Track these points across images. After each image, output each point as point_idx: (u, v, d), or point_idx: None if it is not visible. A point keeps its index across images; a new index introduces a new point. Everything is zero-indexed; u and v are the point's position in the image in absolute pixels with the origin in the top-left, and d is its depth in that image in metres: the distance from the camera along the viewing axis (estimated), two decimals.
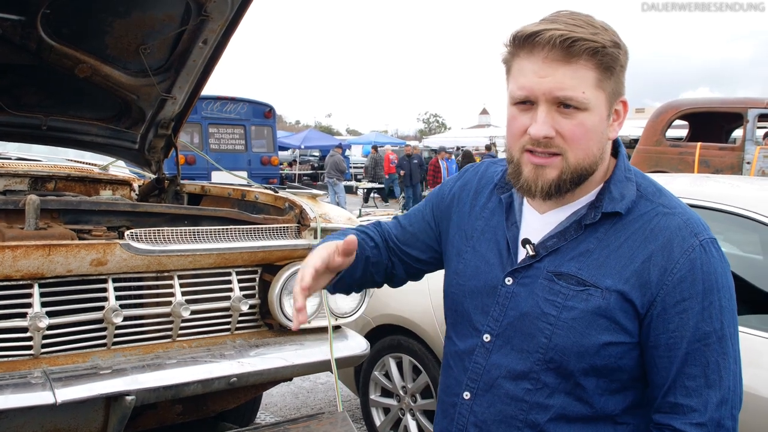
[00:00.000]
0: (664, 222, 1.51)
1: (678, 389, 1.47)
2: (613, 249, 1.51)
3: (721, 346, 1.47)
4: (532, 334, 1.54)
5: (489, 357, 1.61)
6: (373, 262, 1.85)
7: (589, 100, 1.45)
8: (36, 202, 2.55)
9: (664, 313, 1.47)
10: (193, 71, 3.59)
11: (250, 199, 3.50)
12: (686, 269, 1.46)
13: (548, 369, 1.53)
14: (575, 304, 1.50)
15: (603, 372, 1.51)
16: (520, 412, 1.56)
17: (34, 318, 2.45)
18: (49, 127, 3.67)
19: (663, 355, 1.48)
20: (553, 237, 1.57)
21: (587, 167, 1.51)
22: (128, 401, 2.48)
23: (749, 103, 10.10)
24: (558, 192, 1.52)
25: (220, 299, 2.96)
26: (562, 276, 1.53)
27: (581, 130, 1.47)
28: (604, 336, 1.48)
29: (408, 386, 4.43)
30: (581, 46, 1.42)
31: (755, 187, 4.13)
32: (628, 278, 1.48)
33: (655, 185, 1.61)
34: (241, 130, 17.08)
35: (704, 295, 1.46)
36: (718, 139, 10.73)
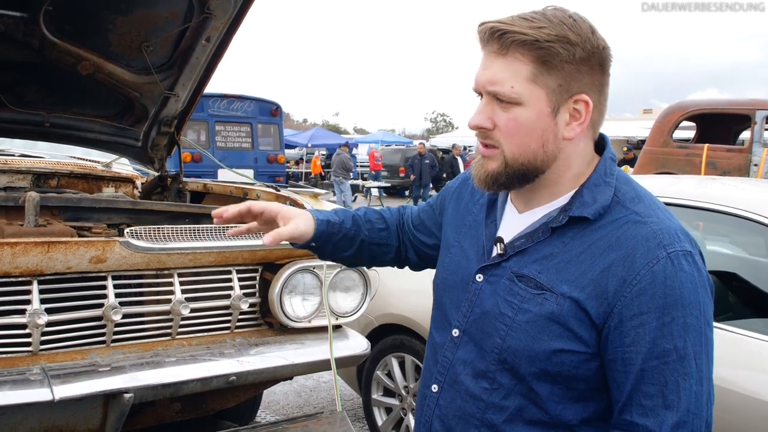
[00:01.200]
0: (632, 231, 1.44)
1: (634, 407, 1.40)
2: (575, 254, 1.47)
3: (683, 366, 1.38)
4: (490, 334, 1.53)
5: (456, 352, 1.61)
6: (378, 243, 1.91)
7: (520, 95, 1.43)
8: (36, 199, 2.55)
9: (621, 325, 1.40)
10: (196, 69, 3.59)
11: (252, 198, 3.49)
12: (647, 282, 1.39)
13: (503, 369, 1.51)
14: (530, 307, 1.47)
15: (557, 379, 1.47)
16: (478, 411, 1.55)
17: (33, 315, 2.45)
18: (51, 124, 3.67)
19: (619, 369, 1.42)
20: (521, 237, 1.55)
21: (526, 163, 1.48)
22: (126, 399, 2.48)
23: (757, 104, 10.04)
24: (496, 184, 1.52)
25: (220, 297, 2.95)
26: (522, 278, 1.51)
27: (514, 124, 1.45)
28: (556, 342, 1.44)
29: (410, 386, 4.43)
30: (509, 39, 1.42)
31: (761, 189, 4.11)
32: (584, 286, 1.43)
33: (636, 191, 1.54)
34: (248, 128, 17.09)
35: (664, 311, 1.38)
36: (725, 140, 10.65)
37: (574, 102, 1.46)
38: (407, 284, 3.24)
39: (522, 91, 1.43)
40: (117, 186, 4.06)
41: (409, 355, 4.39)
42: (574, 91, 1.46)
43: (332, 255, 1.89)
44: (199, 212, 3.13)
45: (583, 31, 1.44)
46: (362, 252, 1.91)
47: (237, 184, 3.72)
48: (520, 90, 1.43)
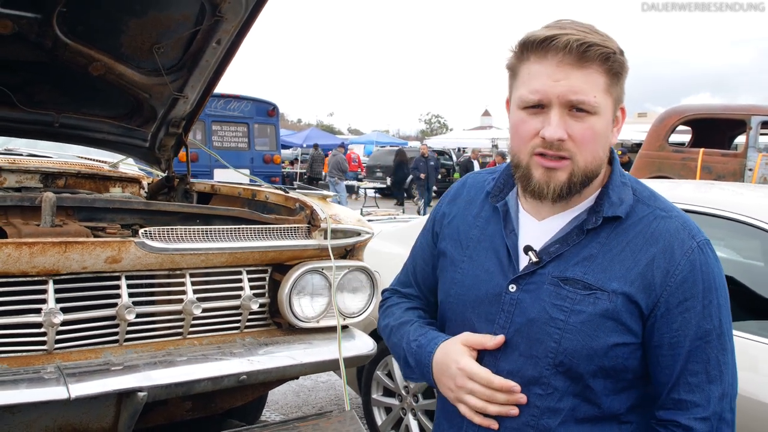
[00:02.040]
0: (663, 225, 1.56)
1: (681, 386, 1.52)
2: (616, 253, 1.54)
3: (720, 343, 1.52)
4: (541, 340, 1.56)
5: (497, 365, 1.61)
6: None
7: (600, 105, 1.49)
8: (52, 199, 2.58)
9: (668, 313, 1.51)
10: (206, 71, 3.62)
11: (261, 199, 3.53)
12: (687, 270, 1.51)
13: (558, 373, 1.55)
14: (583, 307, 1.53)
15: (610, 373, 1.54)
16: (532, 418, 1.57)
17: (48, 314, 2.48)
18: (61, 124, 3.69)
19: (666, 353, 1.52)
20: (555, 243, 1.59)
21: (594, 170, 1.55)
22: (140, 397, 2.51)
23: (752, 110, 10.13)
24: (569, 193, 1.55)
25: (230, 297, 2.98)
26: (568, 281, 1.55)
27: (591, 134, 1.50)
28: (612, 337, 1.52)
29: (410, 386, 4.46)
30: (595, 51, 1.46)
31: (759, 194, 4.17)
32: (633, 281, 1.52)
33: (648, 189, 1.65)
34: (245, 128, 17.10)
35: (704, 295, 1.51)
36: (720, 145, 10.74)
37: (618, 110, 1.57)
38: None
39: (601, 102, 1.50)
40: (124, 186, 4.09)
41: None
42: (621, 99, 1.57)
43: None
44: (210, 213, 3.16)
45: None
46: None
47: (245, 186, 3.75)
48: (600, 100, 1.50)
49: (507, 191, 1.73)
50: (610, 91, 1.51)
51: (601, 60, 1.47)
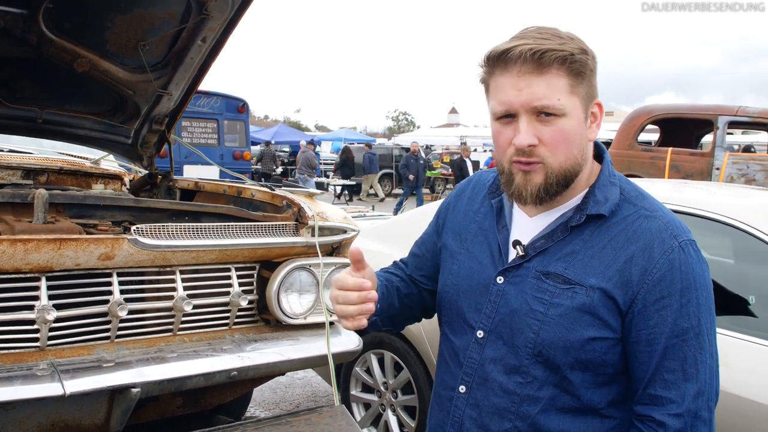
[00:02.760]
0: (646, 224, 1.60)
1: (657, 382, 1.56)
2: (597, 250, 1.60)
3: (698, 342, 1.56)
4: (521, 330, 1.63)
5: (483, 352, 1.69)
6: (406, 294, 1.93)
7: (565, 106, 1.54)
8: (45, 196, 2.59)
9: (645, 310, 1.56)
10: (191, 68, 3.62)
11: (246, 197, 3.54)
12: (665, 269, 1.55)
13: (537, 362, 1.62)
14: (561, 301, 1.59)
15: (588, 366, 1.60)
16: (512, 405, 1.65)
17: (42, 310, 2.48)
18: (44, 120, 3.67)
19: (643, 350, 1.57)
20: (541, 238, 1.66)
21: (570, 169, 1.60)
22: (134, 393, 2.52)
23: (720, 110, 10.33)
24: (547, 194, 1.61)
25: (219, 294, 3.00)
26: (549, 275, 1.62)
27: (561, 135, 1.56)
28: (589, 331, 1.58)
29: (389, 382, 4.51)
30: (550, 56, 1.52)
31: (731, 193, 4.29)
32: (611, 277, 1.57)
33: (637, 190, 1.70)
34: (214, 125, 16.98)
35: (682, 294, 1.55)
36: (687, 144, 10.95)
37: (593, 106, 1.62)
38: None
39: (566, 103, 1.55)
40: (106, 183, 4.07)
41: (389, 352, 4.47)
42: (593, 96, 1.61)
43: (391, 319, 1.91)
44: (199, 210, 3.17)
45: (584, 42, 1.59)
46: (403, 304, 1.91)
47: (230, 183, 3.76)
48: (565, 102, 1.55)
49: (503, 189, 1.79)
50: (575, 91, 1.56)
51: (559, 63, 1.53)
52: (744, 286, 3.46)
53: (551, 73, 1.53)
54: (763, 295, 3.48)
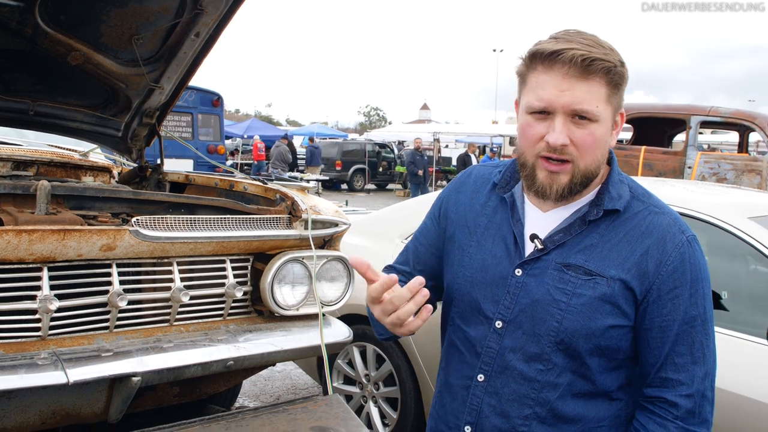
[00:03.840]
0: (657, 220, 1.72)
1: (668, 366, 1.69)
2: (614, 243, 1.71)
3: (704, 328, 1.70)
4: (544, 319, 1.72)
5: (501, 342, 1.77)
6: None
7: (600, 113, 1.65)
8: (47, 187, 2.62)
9: (659, 299, 1.68)
10: (183, 62, 3.65)
11: (239, 190, 3.59)
12: (678, 261, 1.68)
13: (558, 350, 1.71)
14: (584, 291, 1.69)
15: (605, 352, 1.71)
16: (533, 391, 1.74)
17: (44, 300, 2.51)
18: (36, 113, 3.68)
19: (656, 336, 1.69)
20: (559, 232, 1.75)
21: (593, 171, 1.70)
22: (134, 382, 2.57)
23: (692, 110, 10.54)
24: (570, 194, 1.71)
25: (214, 286, 3.05)
26: (570, 267, 1.71)
27: (591, 139, 1.65)
28: (609, 319, 1.68)
29: (371, 374, 4.58)
30: (598, 65, 1.62)
31: (705, 191, 4.42)
32: (629, 269, 1.68)
33: (642, 188, 1.81)
34: (188, 118, 16.91)
35: (692, 284, 1.68)
36: (659, 143, 11.16)
37: (618, 115, 1.73)
38: None
39: (602, 110, 1.65)
40: (95, 175, 4.08)
41: (371, 345, 4.54)
42: (620, 106, 1.72)
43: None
44: (196, 203, 3.21)
45: (621, 54, 1.68)
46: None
47: (221, 177, 3.80)
48: (602, 109, 1.65)
49: (513, 184, 1.88)
50: (611, 100, 1.66)
51: (603, 73, 1.63)
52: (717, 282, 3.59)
53: (595, 81, 1.63)
54: (734, 290, 3.63)
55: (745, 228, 3.43)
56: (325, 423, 2.53)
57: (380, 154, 30.88)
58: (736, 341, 3.20)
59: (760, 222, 3.49)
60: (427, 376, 4.19)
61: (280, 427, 2.49)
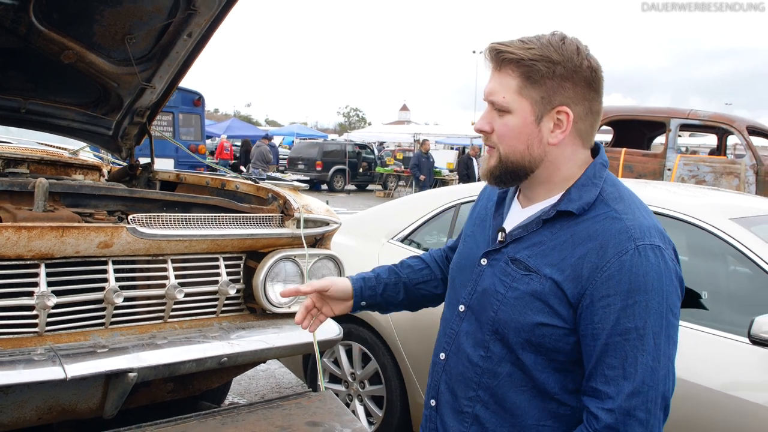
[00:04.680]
0: (609, 225, 1.68)
1: (598, 376, 1.64)
2: (559, 242, 1.72)
3: (641, 343, 1.60)
4: (485, 308, 1.80)
5: (460, 324, 1.87)
6: (423, 282, 2.18)
7: (509, 104, 1.71)
8: (45, 185, 2.64)
9: (591, 305, 1.64)
10: (175, 62, 3.68)
11: (230, 189, 3.62)
12: (615, 269, 1.62)
13: (496, 339, 1.77)
14: (519, 285, 1.74)
15: (540, 350, 1.72)
16: (476, 375, 1.81)
17: (41, 297, 2.54)
18: (27, 111, 3.69)
19: (589, 343, 1.66)
20: (519, 228, 1.81)
21: (516, 163, 1.75)
22: (130, 378, 2.59)
23: (672, 113, 10.66)
24: (494, 178, 1.80)
25: (208, 283, 3.08)
26: (516, 261, 1.77)
27: (504, 129, 1.73)
28: (538, 317, 1.70)
29: (357, 373, 4.62)
30: (503, 56, 1.71)
31: (687, 193, 4.51)
32: (563, 269, 1.68)
33: (619, 192, 1.78)
34: (169, 117, 16.88)
35: (628, 294, 1.61)
36: (639, 145, 11.28)
37: (556, 113, 1.72)
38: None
39: (511, 101, 1.71)
40: (85, 173, 4.10)
41: (357, 343, 4.58)
42: (556, 104, 1.71)
43: (387, 307, 2.19)
44: (190, 201, 3.24)
45: (568, 52, 1.70)
46: (411, 294, 2.17)
47: (212, 176, 3.83)
48: (510, 100, 1.71)
49: None
50: (524, 93, 1.70)
51: (513, 65, 1.70)
52: (699, 282, 3.66)
53: (505, 73, 1.71)
54: (715, 290, 3.71)
55: (727, 229, 3.50)
56: (320, 418, 2.58)
57: (360, 154, 30.90)
58: (718, 340, 3.26)
59: (741, 223, 3.55)
60: (413, 374, 4.24)
61: (276, 422, 2.53)
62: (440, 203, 4.64)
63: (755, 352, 3.07)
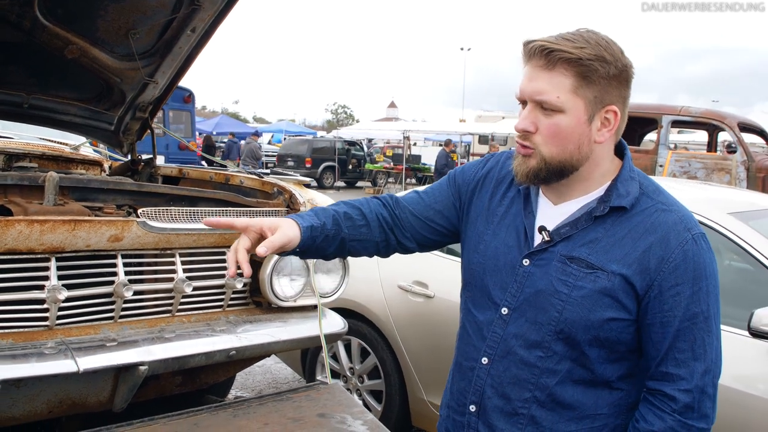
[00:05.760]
0: (663, 217, 1.75)
1: (669, 361, 1.73)
2: (618, 238, 1.76)
3: (707, 325, 1.73)
4: (545, 309, 1.79)
5: (506, 327, 1.85)
6: (358, 240, 2.01)
7: (563, 104, 1.70)
8: (56, 179, 2.65)
9: (660, 295, 1.72)
10: (178, 57, 3.68)
11: (235, 183, 3.63)
12: (680, 258, 1.71)
13: (558, 339, 1.78)
14: (584, 284, 1.75)
15: (605, 343, 1.77)
16: (532, 376, 1.82)
17: (52, 290, 2.54)
18: (30, 106, 3.69)
19: (658, 331, 1.73)
20: (566, 225, 1.81)
21: (564, 162, 1.76)
22: (141, 371, 2.60)
23: (664, 109, 10.73)
24: (537, 179, 1.78)
25: (215, 277, 3.09)
26: (573, 260, 1.77)
27: (554, 129, 1.72)
28: (608, 312, 1.74)
29: (356, 367, 4.64)
30: (556, 56, 1.69)
31: (689, 188, 4.56)
32: (630, 264, 1.73)
33: (654, 185, 1.85)
34: (159, 114, 16.74)
35: (694, 281, 1.71)
36: (630, 141, 11.31)
37: (605, 112, 1.75)
38: (354, 272, 3.49)
39: (565, 101, 1.70)
40: (86, 168, 4.10)
41: (356, 338, 4.61)
42: (606, 103, 1.74)
43: (314, 254, 1.99)
44: (197, 196, 3.25)
45: (615, 52, 1.73)
46: (342, 249, 2.01)
47: (218, 171, 3.84)
48: (564, 100, 1.70)
49: None
50: (578, 92, 1.70)
51: (566, 64, 1.69)
52: None
53: (557, 72, 1.69)
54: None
55: (726, 223, 3.54)
56: (330, 410, 2.59)
57: (350, 151, 30.89)
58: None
59: (739, 217, 3.60)
60: (412, 369, 4.27)
61: (288, 414, 2.54)
62: None
63: (755, 344, 3.11)
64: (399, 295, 4.35)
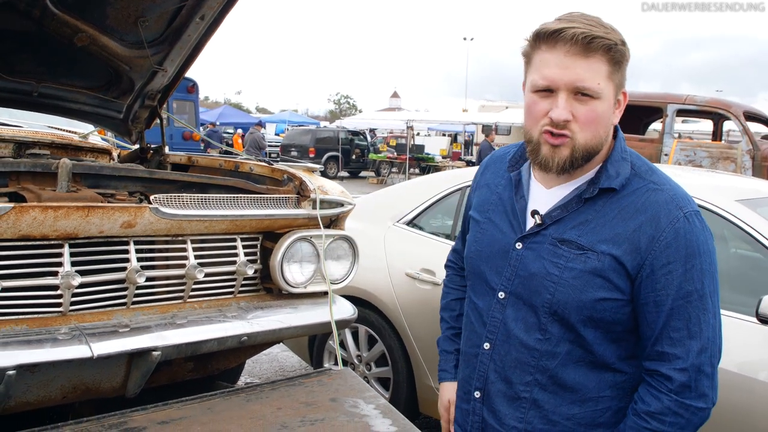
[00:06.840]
0: (654, 197, 1.77)
1: (664, 340, 1.74)
2: (608, 219, 1.77)
3: (702, 303, 1.73)
4: (539, 291, 1.81)
5: (504, 311, 1.89)
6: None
7: (602, 90, 1.71)
8: (69, 165, 2.66)
9: (653, 274, 1.73)
10: (187, 45, 3.67)
11: (245, 170, 3.63)
12: (671, 237, 1.72)
13: (554, 321, 1.81)
14: (575, 265, 1.77)
15: (600, 324, 1.78)
16: (533, 359, 1.84)
17: (66, 276, 2.55)
18: (39, 94, 3.69)
19: (651, 310, 1.74)
20: (557, 208, 1.84)
21: (594, 147, 1.77)
22: (154, 356, 2.62)
23: (669, 98, 10.73)
24: (572, 167, 1.78)
25: (226, 264, 3.10)
26: (564, 242, 1.80)
27: (593, 115, 1.73)
28: (599, 292, 1.75)
29: (363, 355, 4.66)
30: (598, 43, 1.69)
31: (696, 175, 4.56)
32: (620, 244, 1.74)
33: (647, 165, 1.87)
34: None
35: (686, 259, 1.72)
36: (635, 130, 11.33)
37: (620, 93, 1.79)
38: (362, 260, 3.50)
39: (603, 87, 1.72)
40: (95, 156, 4.11)
41: (363, 326, 4.62)
42: (622, 85, 1.78)
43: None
44: (207, 182, 3.26)
45: (622, 34, 1.75)
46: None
47: (227, 158, 3.85)
48: (603, 86, 1.71)
49: (522, 163, 1.97)
50: (612, 77, 1.73)
51: (604, 50, 1.70)
52: None
53: (595, 58, 1.70)
54: (723, 270, 3.75)
55: (734, 210, 3.54)
56: (343, 395, 2.61)
57: (353, 141, 30.91)
58: (726, 320, 3.29)
59: (747, 204, 3.60)
60: (419, 356, 4.29)
61: (300, 399, 2.56)
62: (445, 187, 4.67)
63: (763, 331, 3.12)
64: (406, 283, 4.36)
